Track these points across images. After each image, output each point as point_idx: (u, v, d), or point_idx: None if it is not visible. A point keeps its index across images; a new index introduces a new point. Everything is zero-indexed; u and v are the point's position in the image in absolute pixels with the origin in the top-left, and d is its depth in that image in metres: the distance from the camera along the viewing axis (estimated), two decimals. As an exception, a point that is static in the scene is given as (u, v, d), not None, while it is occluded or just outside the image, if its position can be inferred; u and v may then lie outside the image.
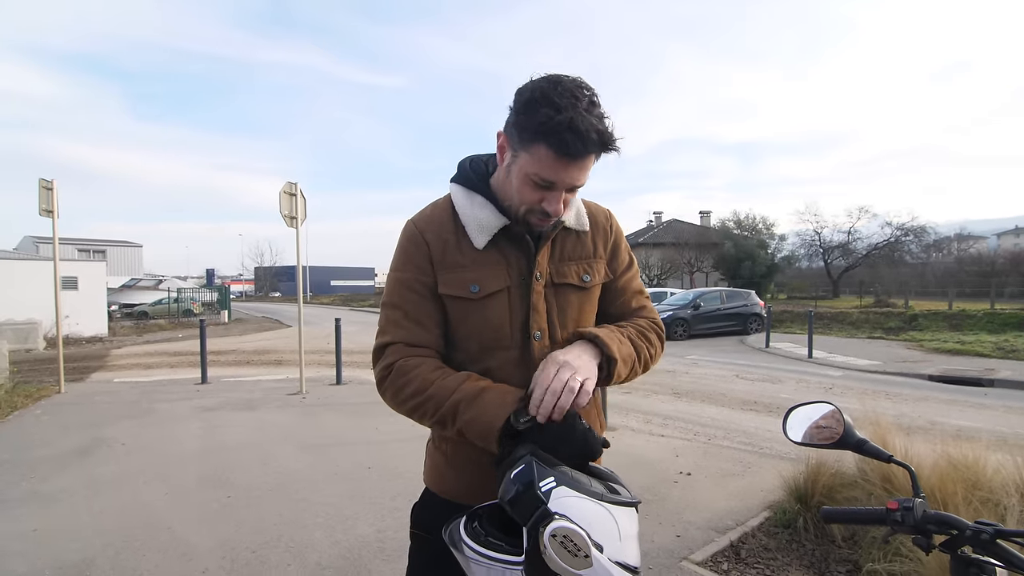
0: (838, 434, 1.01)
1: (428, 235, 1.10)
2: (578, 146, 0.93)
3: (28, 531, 3.20)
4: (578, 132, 0.92)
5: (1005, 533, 0.80)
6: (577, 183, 1.01)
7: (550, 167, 0.97)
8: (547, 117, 0.92)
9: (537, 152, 0.96)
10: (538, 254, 1.10)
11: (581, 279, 1.14)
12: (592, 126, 0.93)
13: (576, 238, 1.16)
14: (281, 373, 9.35)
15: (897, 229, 31.62)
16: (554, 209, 1.02)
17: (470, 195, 1.11)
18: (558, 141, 0.93)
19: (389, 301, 1.11)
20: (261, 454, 4.65)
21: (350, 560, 2.81)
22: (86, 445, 4.95)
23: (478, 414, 0.96)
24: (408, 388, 1.03)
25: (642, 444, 4.95)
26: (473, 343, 1.09)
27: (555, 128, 0.92)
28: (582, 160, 0.97)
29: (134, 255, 44.05)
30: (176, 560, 2.83)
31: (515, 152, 1.01)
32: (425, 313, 1.09)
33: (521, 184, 1.02)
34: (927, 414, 6.34)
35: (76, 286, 16.69)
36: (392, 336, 1.08)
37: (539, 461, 0.85)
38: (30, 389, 7.50)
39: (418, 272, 1.09)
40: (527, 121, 0.96)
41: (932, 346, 12.60)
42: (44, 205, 7.35)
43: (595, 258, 1.18)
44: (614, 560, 0.80)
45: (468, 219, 1.09)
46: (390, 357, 1.07)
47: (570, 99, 0.93)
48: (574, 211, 1.15)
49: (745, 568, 2.71)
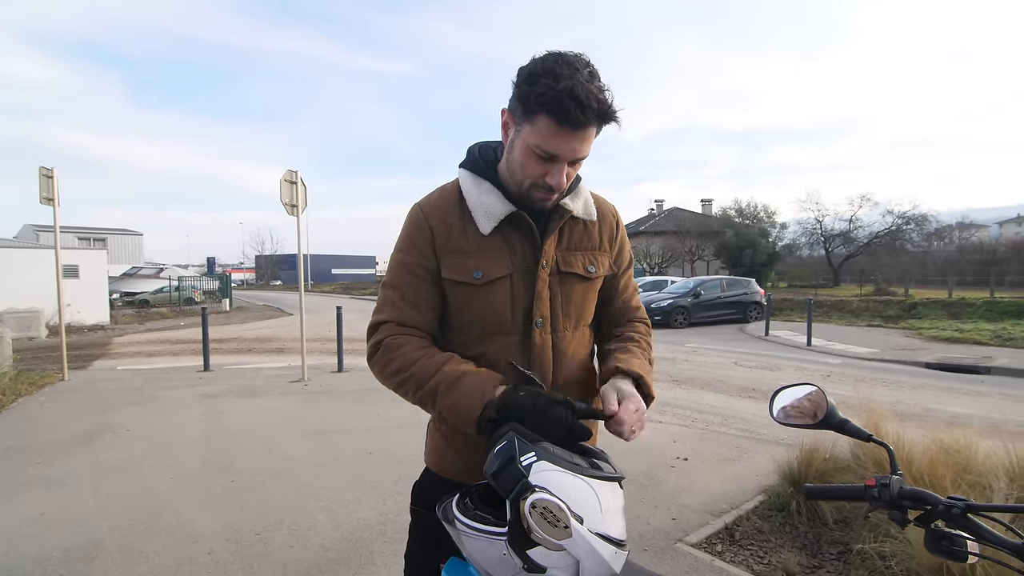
0: (821, 414, 1.04)
1: (433, 220, 1.11)
2: (578, 114, 0.95)
3: (36, 515, 3.26)
4: (578, 100, 0.93)
5: (975, 507, 0.83)
6: (579, 155, 1.02)
7: (552, 137, 0.98)
8: (547, 87, 0.94)
9: (539, 123, 0.98)
10: (545, 242, 1.11)
11: (587, 269, 1.16)
12: (592, 95, 0.95)
13: (584, 228, 1.18)
14: (283, 361, 9.42)
15: (898, 217, 31.54)
16: (556, 182, 1.03)
17: (478, 181, 1.12)
18: (559, 109, 0.94)
19: (389, 281, 1.14)
20: (264, 440, 4.71)
21: (352, 542, 2.87)
22: (91, 431, 5.02)
23: (457, 401, 1.00)
24: (392, 365, 1.07)
25: (640, 430, 5.01)
26: (475, 327, 1.12)
27: (556, 97, 0.93)
28: (583, 130, 0.98)
29: (135, 243, 44.05)
30: (182, 542, 2.89)
31: (518, 126, 1.03)
32: (422, 296, 1.11)
33: (524, 157, 1.03)
34: (923, 401, 6.39)
35: (77, 274, 16.73)
36: (386, 315, 1.11)
37: (521, 437, 0.88)
38: (34, 376, 7.56)
39: (420, 256, 1.11)
40: (529, 92, 0.97)
41: (931, 334, 12.65)
42: (45, 193, 7.35)
43: (600, 250, 1.20)
44: (595, 531, 0.84)
45: (475, 205, 1.10)
46: (380, 334, 1.11)
47: (570, 70, 0.95)
48: (582, 201, 1.16)
49: (739, 549, 2.77)
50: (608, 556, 0.85)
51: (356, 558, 2.71)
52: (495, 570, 0.88)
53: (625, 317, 1.27)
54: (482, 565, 0.90)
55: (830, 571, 2.57)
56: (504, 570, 0.86)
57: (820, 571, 2.58)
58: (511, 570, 0.85)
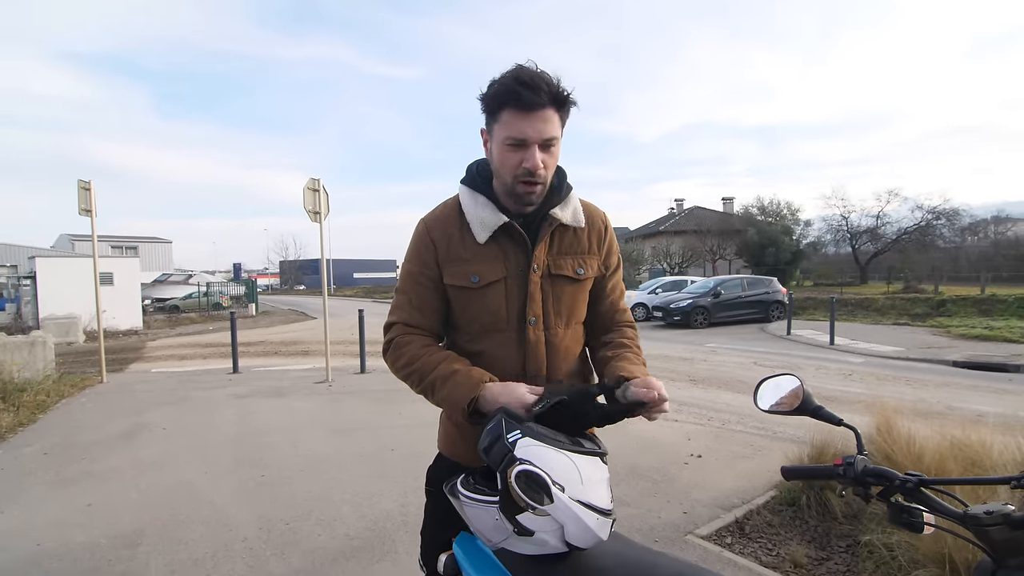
0: (798, 402, 1.14)
1: (435, 234, 1.26)
2: (530, 95, 1.08)
3: (83, 505, 3.49)
4: (525, 84, 1.08)
5: (927, 482, 0.92)
6: (544, 135, 1.13)
7: (515, 123, 1.11)
8: (500, 84, 1.12)
9: (503, 117, 1.13)
10: (535, 248, 1.24)
11: (576, 272, 1.29)
12: (538, 77, 1.10)
13: (573, 234, 1.30)
14: (308, 363, 9.69)
15: (928, 212, 30.68)
16: (532, 164, 1.13)
17: (474, 195, 1.25)
18: (513, 96, 1.09)
19: (400, 288, 1.31)
20: (291, 438, 4.91)
21: (376, 531, 3.03)
22: (130, 429, 5.29)
23: (449, 393, 1.16)
24: (400, 360, 1.24)
25: (655, 428, 5.07)
26: (475, 325, 1.26)
27: (508, 88, 1.10)
28: (541, 111, 1.11)
29: (164, 251, 45.37)
30: (218, 531, 3.08)
31: (491, 133, 1.18)
32: (426, 301, 1.27)
33: (502, 155, 1.15)
34: (946, 399, 6.31)
35: (112, 281, 17.35)
36: (397, 317, 1.29)
37: (508, 418, 1.02)
38: (75, 379, 7.94)
39: (423, 267, 1.27)
40: (488, 96, 1.14)
41: (959, 332, 12.36)
42: (83, 205, 7.73)
43: (589, 253, 1.32)
44: (576, 499, 0.96)
45: (472, 217, 1.24)
46: (392, 333, 1.28)
47: (516, 67, 1.13)
48: (571, 210, 1.28)
49: (748, 542, 2.84)
50: (592, 523, 0.97)
51: (379, 546, 2.87)
52: (491, 534, 1.01)
53: (613, 320, 1.38)
54: (480, 530, 1.03)
55: (838, 563, 2.62)
56: (498, 534, 0.99)
57: (828, 563, 2.64)
58: (504, 534, 0.98)
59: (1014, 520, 0.81)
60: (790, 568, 2.59)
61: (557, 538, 0.98)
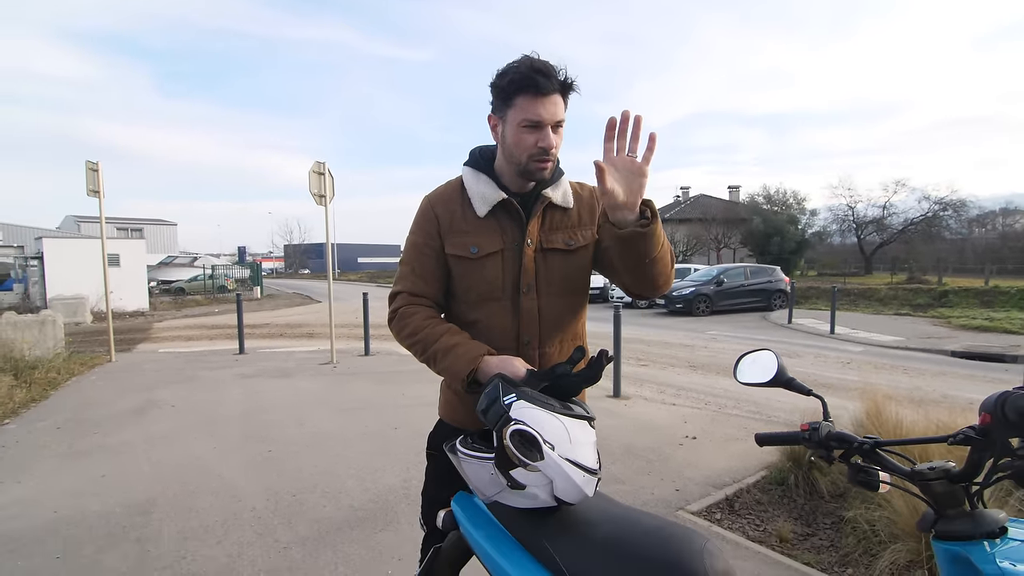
0: (773, 375, 1.22)
1: (438, 209, 1.37)
2: (544, 81, 1.20)
3: (98, 476, 3.63)
4: (539, 71, 1.20)
5: (881, 443, 1.01)
6: (556, 117, 1.25)
7: (532, 107, 1.22)
8: (514, 72, 1.22)
9: (518, 103, 1.23)
10: (528, 224, 1.34)
11: (567, 244, 1.38)
12: (548, 66, 1.21)
13: (563, 213, 1.39)
14: (313, 345, 9.84)
15: (935, 203, 30.49)
16: (547, 143, 1.25)
17: (476, 174, 1.37)
18: (529, 83, 1.20)
19: (404, 259, 1.40)
20: (297, 416, 5.04)
21: (379, 503, 3.15)
22: (140, 406, 5.43)
23: (450, 364, 1.25)
24: (405, 330, 1.33)
25: (653, 411, 5.19)
26: (473, 294, 1.36)
27: (523, 76, 1.20)
28: (553, 95, 1.23)
29: (170, 233, 45.52)
30: (228, 501, 3.21)
31: (502, 117, 1.28)
32: (429, 271, 1.36)
33: (516, 136, 1.26)
34: (942, 388, 6.39)
35: (119, 263, 17.52)
36: (401, 287, 1.38)
37: (504, 383, 1.11)
38: (84, 358, 8.10)
39: (427, 238, 1.36)
40: (502, 84, 1.24)
41: (960, 323, 12.41)
42: (91, 186, 7.81)
43: (580, 226, 1.40)
44: (565, 457, 1.05)
45: (473, 193, 1.35)
46: (397, 303, 1.37)
47: (525, 60, 1.23)
48: (561, 191, 1.38)
49: (736, 518, 2.95)
50: (579, 479, 1.06)
51: (382, 517, 2.99)
52: (487, 488, 1.10)
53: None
54: (476, 485, 1.13)
55: (822, 539, 2.73)
56: (493, 488, 1.09)
57: (813, 539, 2.74)
58: (498, 487, 1.08)
59: (953, 475, 0.90)
60: (776, 543, 2.70)
61: (547, 492, 1.07)
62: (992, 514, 0.88)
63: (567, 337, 1.40)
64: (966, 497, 0.90)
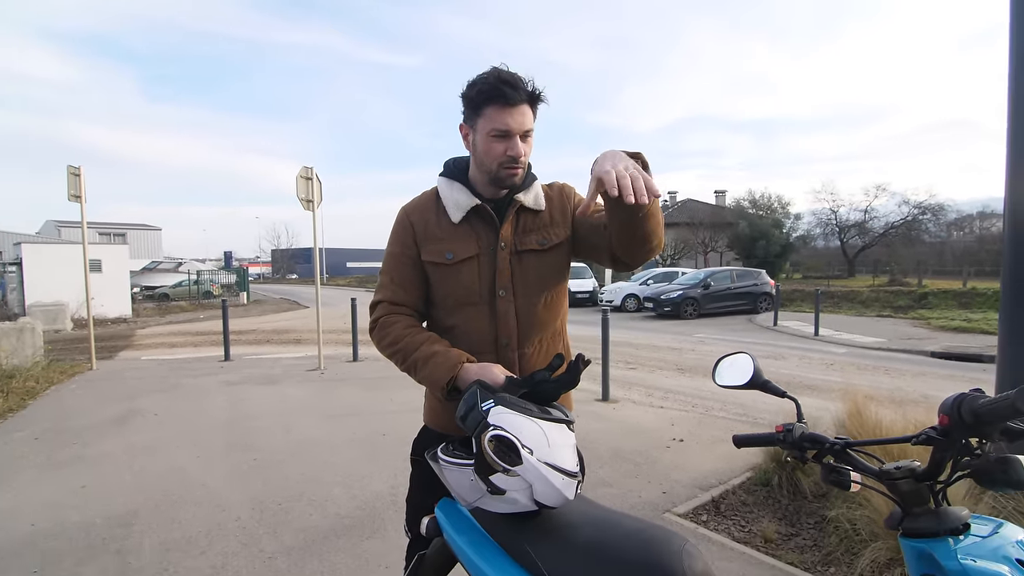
0: (749, 377, 1.25)
1: (414, 218, 1.40)
2: (511, 92, 1.23)
3: (78, 488, 3.57)
4: (506, 82, 1.24)
5: (851, 444, 1.04)
6: (524, 127, 1.28)
7: (500, 117, 1.25)
8: (482, 84, 1.26)
9: (487, 112, 1.26)
10: (501, 228, 1.37)
11: (540, 243, 1.40)
12: (516, 77, 1.25)
13: (535, 215, 1.42)
14: (300, 351, 9.75)
15: (915, 207, 31.11)
16: (516, 151, 1.28)
17: (451, 183, 1.40)
18: (496, 93, 1.24)
19: (383, 269, 1.43)
20: (284, 423, 5.00)
21: (366, 511, 3.13)
22: (122, 415, 5.35)
23: (430, 373, 1.27)
24: (386, 340, 1.35)
25: (640, 414, 5.22)
26: (450, 300, 1.38)
27: (491, 86, 1.24)
28: (520, 105, 1.26)
29: (154, 238, 44.95)
30: (211, 511, 3.18)
31: (472, 127, 1.32)
32: (408, 279, 1.39)
33: (486, 145, 1.29)
34: (922, 388, 6.51)
35: (100, 269, 17.21)
36: (382, 296, 1.40)
37: (482, 389, 1.13)
38: (64, 366, 7.95)
39: (404, 248, 1.39)
40: (471, 95, 1.28)
41: (939, 324, 12.65)
42: (72, 191, 7.69)
43: (552, 225, 1.43)
44: (544, 461, 1.06)
45: (448, 200, 1.38)
46: (378, 312, 1.39)
47: (493, 71, 1.27)
48: (532, 195, 1.41)
49: (722, 520, 2.98)
50: (558, 483, 1.07)
51: (369, 524, 2.98)
52: (467, 494, 1.11)
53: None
54: (457, 491, 1.14)
55: (805, 538, 2.77)
56: (473, 493, 1.10)
57: (797, 538, 2.78)
58: (478, 493, 1.09)
59: (918, 474, 0.93)
60: (760, 543, 2.73)
61: (527, 497, 1.08)
62: (955, 511, 0.91)
63: (546, 336, 1.42)
64: (931, 495, 0.93)
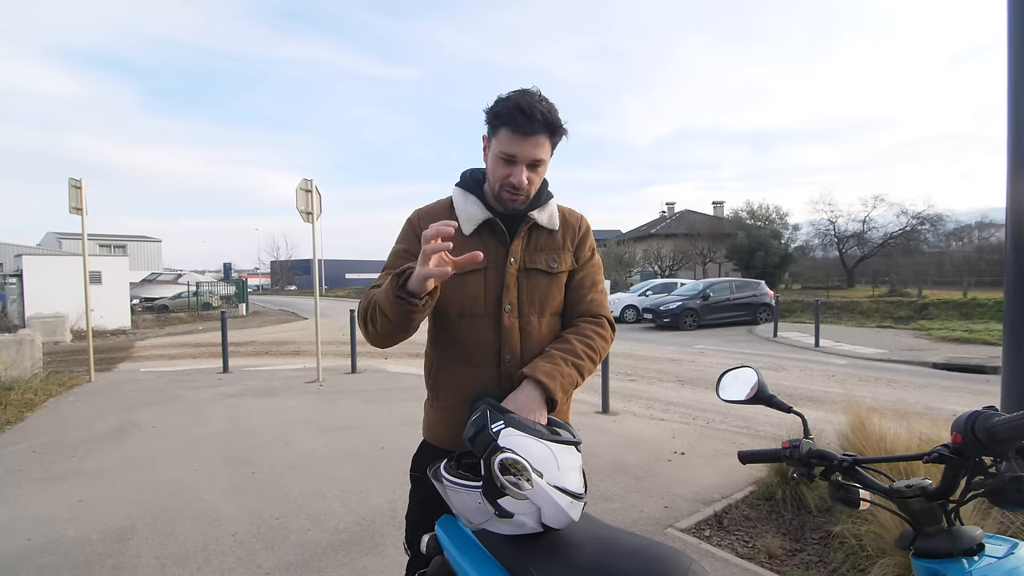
0: (754, 392, 1.23)
1: (424, 222, 1.35)
2: (526, 123, 1.23)
3: (74, 502, 3.53)
4: (523, 112, 1.23)
5: (860, 461, 1.02)
6: (533, 157, 1.28)
7: (510, 143, 1.26)
8: (502, 105, 1.26)
9: (501, 134, 1.27)
10: (512, 244, 1.36)
11: (549, 266, 1.40)
12: (536, 108, 1.24)
13: (548, 235, 1.42)
14: (299, 363, 9.72)
15: (913, 218, 31.19)
16: (517, 180, 1.28)
17: (466, 195, 1.40)
18: (510, 120, 1.24)
19: (387, 265, 1.40)
20: (282, 436, 4.96)
21: (365, 526, 3.10)
22: (120, 428, 5.31)
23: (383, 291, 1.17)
24: (362, 305, 1.28)
25: (642, 427, 5.18)
26: (453, 309, 1.36)
27: (509, 111, 1.24)
28: (533, 137, 1.26)
29: (153, 250, 44.95)
30: (208, 525, 3.14)
31: (489, 142, 1.33)
32: None
33: (494, 164, 1.31)
34: (925, 400, 6.48)
35: (100, 280, 17.20)
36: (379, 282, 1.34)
37: (492, 409, 1.11)
38: (62, 378, 7.91)
39: (410, 245, 1.39)
40: (492, 113, 1.29)
41: (940, 335, 12.62)
42: (74, 203, 7.71)
43: (563, 250, 1.43)
44: (553, 484, 1.04)
45: (461, 212, 1.38)
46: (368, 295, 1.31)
47: (520, 92, 1.27)
48: (547, 214, 1.41)
49: (725, 535, 2.94)
50: (565, 505, 1.05)
51: (368, 540, 2.94)
52: (473, 516, 1.09)
53: (577, 309, 1.44)
54: (462, 513, 1.11)
55: (811, 554, 2.73)
56: (480, 516, 1.07)
57: (801, 554, 2.74)
58: (485, 516, 1.07)
59: (930, 492, 0.91)
60: (765, 559, 2.69)
61: (534, 520, 1.06)
62: (969, 531, 0.89)
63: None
64: (943, 514, 0.91)
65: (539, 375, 1.25)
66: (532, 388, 1.25)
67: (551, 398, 1.24)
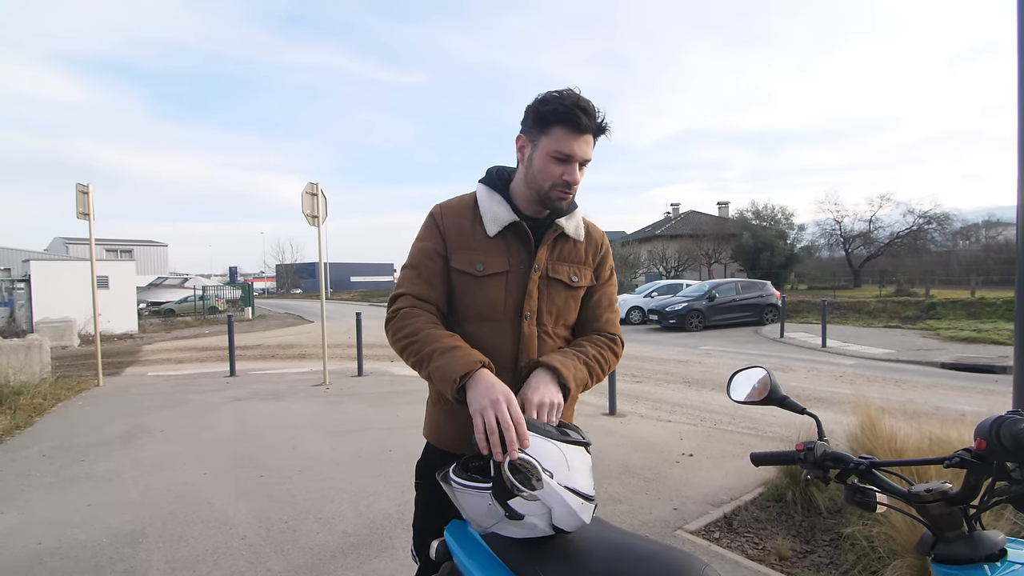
0: (766, 392, 1.22)
1: (447, 220, 1.36)
2: (585, 120, 1.23)
3: (84, 506, 3.54)
4: (584, 110, 1.23)
5: (877, 464, 1.01)
6: (587, 156, 1.28)
7: (566, 141, 1.25)
8: (559, 104, 1.24)
9: (555, 132, 1.25)
10: (538, 251, 1.34)
11: (570, 279, 1.38)
12: (592, 107, 1.25)
13: (572, 245, 1.41)
14: (305, 366, 9.74)
15: (920, 217, 30.97)
16: (572, 178, 1.28)
17: (491, 193, 1.37)
18: (571, 117, 1.23)
19: (409, 263, 1.38)
20: (290, 439, 4.97)
21: (373, 529, 3.09)
22: (128, 432, 5.33)
23: (444, 364, 1.18)
24: (405, 330, 1.28)
25: (649, 428, 5.16)
26: (472, 312, 1.34)
27: (567, 109, 1.23)
28: (588, 135, 1.26)
29: (160, 254, 45.22)
30: (217, 529, 3.14)
31: (534, 142, 1.29)
32: (435, 275, 1.34)
33: (544, 164, 1.28)
34: (934, 400, 6.43)
35: (107, 285, 17.32)
36: (405, 288, 1.35)
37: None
38: (71, 382, 7.96)
39: (435, 243, 1.35)
40: (544, 110, 1.25)
41: (948, 334, 12.52)
42: (81, 208, 7.77)
43: (584, 264, 1.42)
44: (563, 485, 1.04)
45: (486, 211, 1.35)
46: (400, 304, 1.33)
47: (572, 93, 1.26)
48: (574, 223, 1.40)
49: (735, 537, 2.93)
50: (576, 506, 1.05)
51: (377, 543, 2.94)
52: (483, 519, 1.08)
53: (591, 327, 1.43)
54: (472, 515, 1.11)
55: (821, 556, 2.71)
56: (490, 519, 1.07)
57: (812, 556, 2.72)
58: (496, 518, 1.06)
59: (950, 497, 0.90)
60: (775, 561, 2.68)
61: (545, 522, 1.05)
62: (991, 536, 0.88)
63: None
64: (964, 519, 0.90)
65: (553, 362, 1.26)
66: (545, 372, 1.24)
67: (564, 384, 1.23)
